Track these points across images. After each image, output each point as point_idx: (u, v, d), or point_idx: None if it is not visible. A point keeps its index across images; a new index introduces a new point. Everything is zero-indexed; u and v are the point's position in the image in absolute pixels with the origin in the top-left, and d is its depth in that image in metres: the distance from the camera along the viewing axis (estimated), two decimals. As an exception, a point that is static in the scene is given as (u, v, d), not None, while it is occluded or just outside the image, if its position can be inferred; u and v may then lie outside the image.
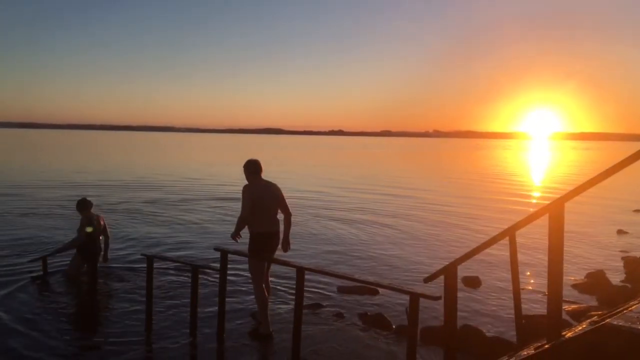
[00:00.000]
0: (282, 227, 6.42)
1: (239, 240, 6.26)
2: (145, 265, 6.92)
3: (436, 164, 53.28)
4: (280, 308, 7.43)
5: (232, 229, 6.36)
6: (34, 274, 8.63)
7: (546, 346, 3.49)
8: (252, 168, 6.31)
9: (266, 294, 6.30)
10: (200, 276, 6.55)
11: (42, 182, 23.54)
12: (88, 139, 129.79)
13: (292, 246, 6.53)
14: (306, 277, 5.54)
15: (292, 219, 6.49)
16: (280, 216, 6.43)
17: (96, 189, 20.97)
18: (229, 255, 6.35)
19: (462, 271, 5.89)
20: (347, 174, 34.90)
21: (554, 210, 3.68)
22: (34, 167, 32.63)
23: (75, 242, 8.66)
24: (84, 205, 8.80)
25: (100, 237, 8.79)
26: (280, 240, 6.34)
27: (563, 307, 4.77)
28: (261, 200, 6.14)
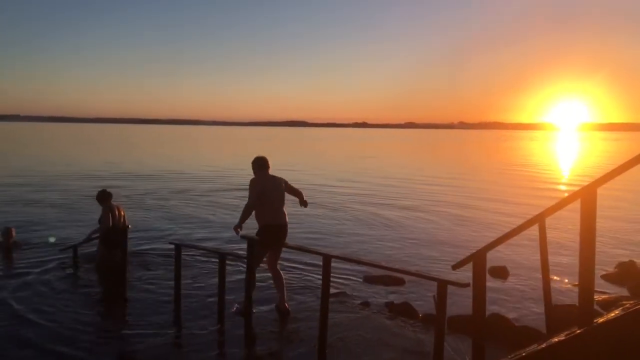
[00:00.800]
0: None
1: (240, 233, 6.36)
2: (173, 253, 7.02)
3: (463, 155, 52.76)
4: (306, 296, 7.46)
5: (254, 220, 6.46)
6: (65, 264, 8.83)
7: (577, 332, 3.44)
8: (260, 162, 6.74)
9: (255, 280, 6.55)
10: (227, 264, 6.61)
11: (75, 174, 24.00)
12: (118, 132, 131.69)
13: (318, 235, 6.58)
14: (332, 265, 5.55)
15: (312, 201, 6.64)
16: (287, 209, 6.56)
17: (126, 180, 21.33)
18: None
19: (489, 262, 5.82)
20: (373, 165, 34.79)
21: (586, 195, 3.61)
22: (71, 160, 33.28)
23: (98, 232, 8.82)
24: (103, 196, 8.91)
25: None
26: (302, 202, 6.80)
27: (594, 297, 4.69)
28: (268, 192, 6.51)
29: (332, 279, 5.69)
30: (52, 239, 6.61)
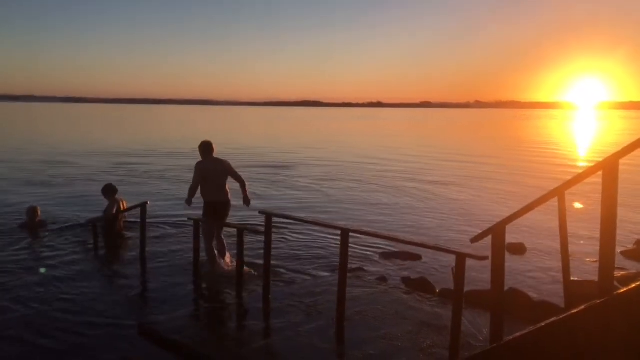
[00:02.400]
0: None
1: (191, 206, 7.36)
2: (192, 228, 7.12)
3: (480, 133, 52.30)
4: (323, 270, 7.53)
5: (278, 193, 6.52)
6: (87, 243, 8.99)
7: (597, 302, 3.43)
8: (205, 147, 7.47)
9: (216, 252, 7.51)
10: (246, 239, 6.69)
11: (93, 152, 24.25)
12: (133, 112, 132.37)
13: (337, 209, 6.62)
14: (350, 240, 5.57)
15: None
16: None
17: (146, 157, 21.59)
18: (274, 219, 6.44)
19: (507, 239, 5.83)
20: (392, 143, 34.69)
21: (608, 167, 3.57)
22: (90, 139, 33.60)
23: (99, 221, 9.31)
24: (108, 190, 9.44)
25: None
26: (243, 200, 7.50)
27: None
28: (210, 173, 7.30)
29: (349, 253, 5.73)
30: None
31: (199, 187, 7.39)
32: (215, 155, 7.51)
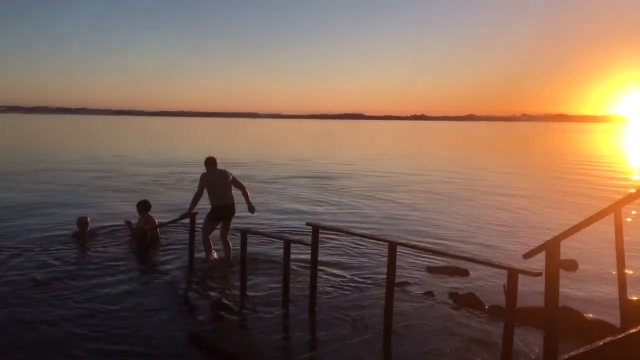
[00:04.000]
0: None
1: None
2: (240, 239, 7.21)
3: (530, 146, 51.22)
4: (370, 283, 7.49)
5: (323, 207, 6.56)
6: (134, 252, 9.25)
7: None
8: (210, 161, 8.60)
9: (212, 247, 8.58)
10: (292, 251, 6.73)
11: (142, 162, 24.95)
12: (181, 125, 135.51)
13: (381, 222, 6.59)
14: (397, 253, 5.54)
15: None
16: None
17: (193, 167, 22.06)
18: (320, 231, 6.46)
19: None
20: (438, 156, 34.41)
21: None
22: (141, 150, 34.59)
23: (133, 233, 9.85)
24: (143, 206, 9.86)
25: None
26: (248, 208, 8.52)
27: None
28: (217, 181, 8.37)
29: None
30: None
31: (208, 195, 8.33)
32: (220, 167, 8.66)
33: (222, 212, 8.39)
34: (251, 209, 8.51)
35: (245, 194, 8.56)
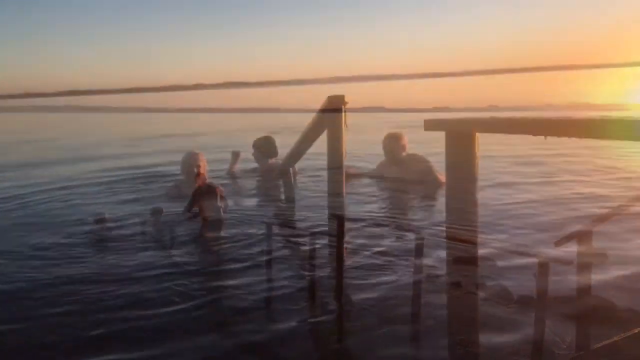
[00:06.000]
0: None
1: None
2: (264, 231, 7.24)
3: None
4: (396, 274, 7.43)
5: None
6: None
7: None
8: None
9: None
10: (317, 242, 6.72)
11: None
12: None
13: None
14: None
15: None
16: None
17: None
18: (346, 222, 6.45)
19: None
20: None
21: None
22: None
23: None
24: (154, 212, 9.71)
25: None
26: None
27: None
28: None
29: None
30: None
31: None
32: None
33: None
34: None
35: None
